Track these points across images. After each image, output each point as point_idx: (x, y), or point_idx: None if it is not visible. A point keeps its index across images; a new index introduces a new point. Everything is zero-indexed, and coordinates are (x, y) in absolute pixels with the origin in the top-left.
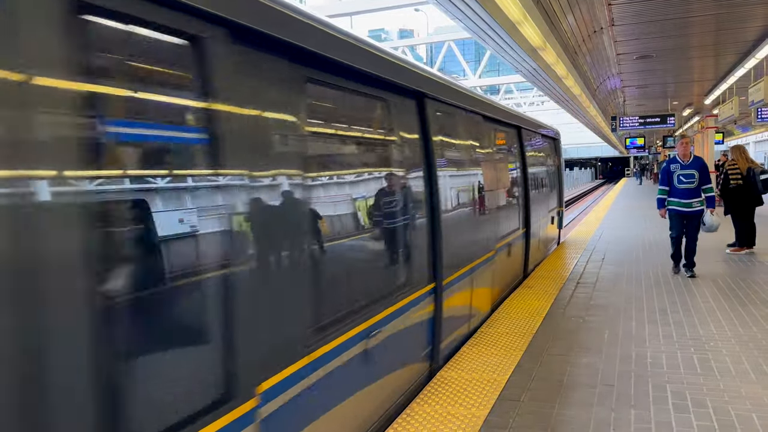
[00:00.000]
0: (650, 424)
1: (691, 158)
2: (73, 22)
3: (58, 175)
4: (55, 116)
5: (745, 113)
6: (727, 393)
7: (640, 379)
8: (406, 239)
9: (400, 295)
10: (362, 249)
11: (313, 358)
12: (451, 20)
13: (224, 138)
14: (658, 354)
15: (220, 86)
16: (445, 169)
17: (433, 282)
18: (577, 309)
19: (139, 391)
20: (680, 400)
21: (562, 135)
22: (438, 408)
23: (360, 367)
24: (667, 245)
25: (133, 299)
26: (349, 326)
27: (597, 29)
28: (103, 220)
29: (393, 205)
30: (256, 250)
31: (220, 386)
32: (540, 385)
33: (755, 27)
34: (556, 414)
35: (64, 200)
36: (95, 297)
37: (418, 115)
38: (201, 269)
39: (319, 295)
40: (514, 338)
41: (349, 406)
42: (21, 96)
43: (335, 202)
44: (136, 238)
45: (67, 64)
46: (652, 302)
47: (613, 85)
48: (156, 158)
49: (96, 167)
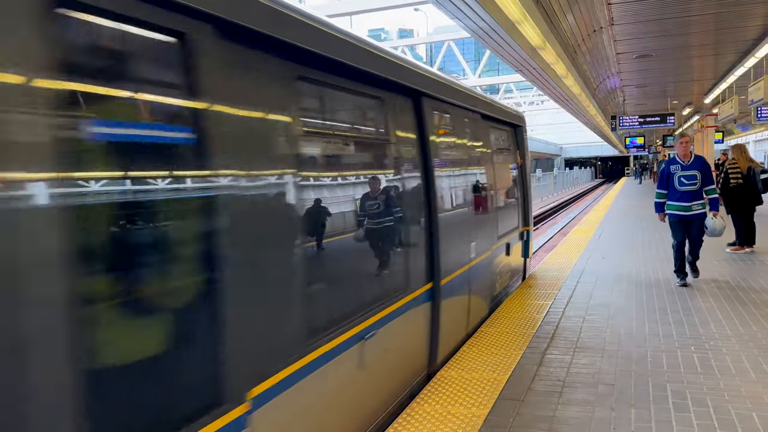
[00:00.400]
0: (650, 423)
1: (692, 158)
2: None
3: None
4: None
5: (744, 112)
6: (727, 392)
7: (640, 378)
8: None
9: None
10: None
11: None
12: (451, 20)
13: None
14: (658, 353)
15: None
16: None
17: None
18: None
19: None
20: (680, 399)
21: (561, 135)
22: (438, 408)
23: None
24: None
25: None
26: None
27: (596, 28)
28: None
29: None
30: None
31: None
32: (540, 385)
33: (755, 26)
34: (556, 413)
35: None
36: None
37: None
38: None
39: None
40: (514, 337)
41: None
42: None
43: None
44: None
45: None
46: (652, 302)
47: (612, 84)
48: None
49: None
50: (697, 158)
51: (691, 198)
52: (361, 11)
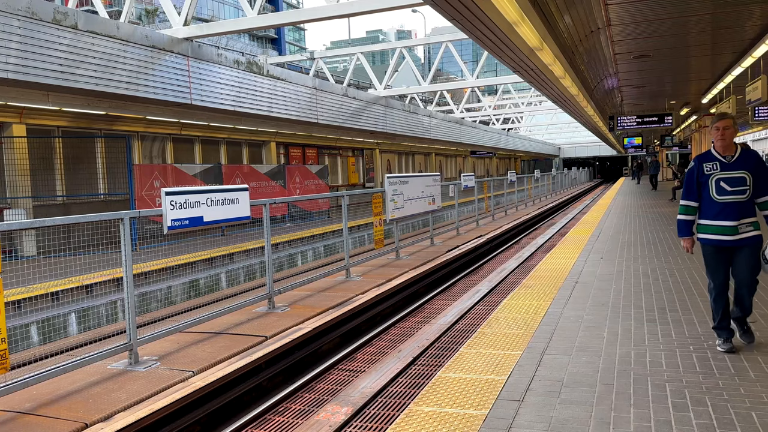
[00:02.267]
0: (650, 423)
1: (737, 153)
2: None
3: None
4: None
5: (742, 112)
6: (726, 391)
7: (639, 378)
8: None
9: None
10: None
11: None
12: (449, 21)
13: None
14: (657, 353)
15: None
16: None
17: None
18: None
19: None
20: (679, 399)
21: (559, 135)
22: (437, 408)
23: None
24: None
25: None
26: None
27: (594, 29)
28: None
29: None
30: None
31: None
32: (539, 385)
33: (752, 26)
34: (555, 414)
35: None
36: None
37: None
38: None
39: None
40: (513, 338)
41: None
42: None
43: None
44: None
45: None
46: (651, 301)
47: (610, 84)
48: None
49: None
50: (746, 153)
51: (738, 214)
52: (359, 13)
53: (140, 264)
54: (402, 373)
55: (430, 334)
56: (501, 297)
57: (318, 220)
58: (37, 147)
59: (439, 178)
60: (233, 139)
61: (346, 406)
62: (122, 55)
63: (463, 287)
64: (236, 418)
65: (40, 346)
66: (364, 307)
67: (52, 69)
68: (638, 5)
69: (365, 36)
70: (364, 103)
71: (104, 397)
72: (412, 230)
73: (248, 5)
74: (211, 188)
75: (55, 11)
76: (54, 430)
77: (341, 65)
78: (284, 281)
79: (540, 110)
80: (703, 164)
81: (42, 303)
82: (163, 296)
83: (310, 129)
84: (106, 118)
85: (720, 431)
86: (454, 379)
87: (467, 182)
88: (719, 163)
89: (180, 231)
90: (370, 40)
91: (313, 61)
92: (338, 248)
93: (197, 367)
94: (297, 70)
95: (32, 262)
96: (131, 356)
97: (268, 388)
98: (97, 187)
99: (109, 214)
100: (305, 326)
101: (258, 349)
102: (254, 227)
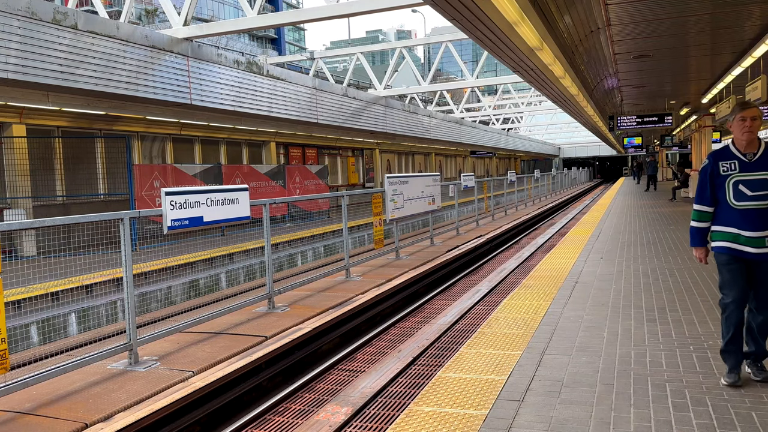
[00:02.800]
0: (649, 423)
1: (760, 150)
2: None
3: None
4: None
5: None
6: (726, 391)
7: (639, 377)
8: None
9: None
10: None
11: None
12: (449, 21)
13: None
14: (657, 353)
15: None
16: None
17: None
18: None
19: None
20: (679, 399)
21: (559, 135)
22: (437, 408)
23: None
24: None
25: None
26: None
27: (594, 29)
28: None
29: None
30: None
31: None
32: (539, 385)
33: (752, 26)
34: (555, 414)
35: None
36: None
37: None
38: None
39: None
40: (513, 338)
41: None
42: None
43: None
44: None
45: None
46: (651, 301)
47: (610, 84)
48: None
49: None
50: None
51: (762, 223)
52: (358, 13)
53: (140, 264)
54: (402, 373)
55: (430, 334)
56: (501, 297)
57: (318, 220)
58: (37, 147)
59: (439, 178)
60: (233, 139)
61: (346, 406)
62: (122, 55)
63: (463, 287)
64: (236, 418)
65: (40, 347)
66: (364, 307)
67: (52, 69)
68: (638, 5)
69: (365, 36)
70: (364, 103)
71: (104, 397)
72: (411, 230)
73: (248, 5)
74: (211, 188)
75: (55, 11)
76: (54, 430)
77: (341, 65)
78: (284, 281)
79: (540, 110)
80: (719, 162)
81: (42, 303)
82: (163, 296)
83: (310, 129)
84: (106, 118)
85: (720, 431)
86: (454, 379)
87: (467, 182)
88: (738, 162)
89: (180, 231)
90: (370, 40)
91: (313, 61)
92: (338, 248)
93: (197, 367)
94: (297, 70)
95: (32, 262)
96: (131, 356)
97: (268, 388)
98: (97, 188)
99: (109, 215)
100: (305, 326)
101: (258, 349)
102: (254, 227)
